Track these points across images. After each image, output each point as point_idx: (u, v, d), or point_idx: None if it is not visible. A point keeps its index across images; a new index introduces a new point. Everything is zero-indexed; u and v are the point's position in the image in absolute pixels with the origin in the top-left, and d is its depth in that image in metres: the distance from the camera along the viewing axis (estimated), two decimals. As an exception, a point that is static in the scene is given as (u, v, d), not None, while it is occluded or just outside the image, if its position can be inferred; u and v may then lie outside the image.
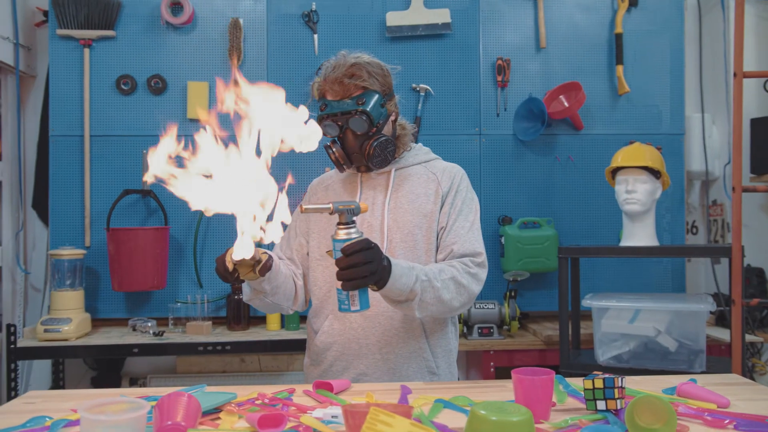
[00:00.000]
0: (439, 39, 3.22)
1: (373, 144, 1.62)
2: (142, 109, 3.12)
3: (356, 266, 1.34)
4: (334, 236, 1.38)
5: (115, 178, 3.09)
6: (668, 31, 3.29)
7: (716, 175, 3.44)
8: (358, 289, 1.37)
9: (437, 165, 1.75)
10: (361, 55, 1.65)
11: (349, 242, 1.36)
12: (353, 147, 1.63)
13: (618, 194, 2.56)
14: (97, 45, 3.10)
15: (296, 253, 1.77)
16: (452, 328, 1.76)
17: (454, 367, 1.75)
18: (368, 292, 1.40)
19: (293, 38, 3.19)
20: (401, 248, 1.64)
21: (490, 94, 3.24)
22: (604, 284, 3.16)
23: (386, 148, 1.64)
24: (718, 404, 1.33)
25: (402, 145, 1.73)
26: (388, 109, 1.65)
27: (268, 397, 1.39)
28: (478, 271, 1.61)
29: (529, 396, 1.26)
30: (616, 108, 3.28)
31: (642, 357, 2.42)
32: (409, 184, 1.70)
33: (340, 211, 1.37)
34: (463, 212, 1.68)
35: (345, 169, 1.70)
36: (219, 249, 3.13)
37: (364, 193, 1.71)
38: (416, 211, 1.67)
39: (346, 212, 1.38)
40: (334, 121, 1.62)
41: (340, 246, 1.36)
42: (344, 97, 1.61)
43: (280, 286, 1.62)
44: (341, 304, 1.39)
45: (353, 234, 1.37)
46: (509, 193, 3.24)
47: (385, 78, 1.65)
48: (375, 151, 1.62)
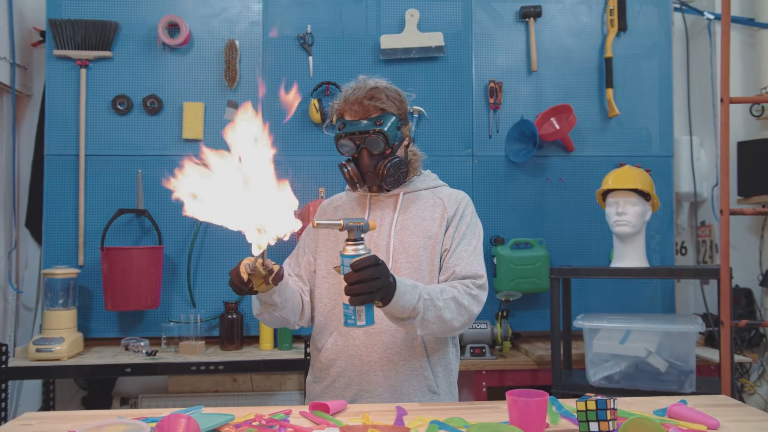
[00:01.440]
0: (432, 62, 3.27)
1: (387, 164, 1.67)
2: (137, 128, 3.14)
3: (364, 281, 1.37)
4: (342, 252, 1.41)
5: (110, 197, 3.10)
6: (657, 56, 3.36)
7: (704, 197, 3.49)
8: (364, 305, 1.39)
9: (444, 191, 1.80)
10: (380, 80, 1.72)
11: (358, 258, 1.38)
12: (368, 166, 1.67)
13: (609, 216, 2.60)
14: (93, 65, 3.13)
15: (304, 270, 1.80)
16: (453, 348, 1.78)
17: (455, 387, 1.77)
18: (373, 309, 1.43)
19: (288, 60, 3.23)
20: (406, 269, 1.68)
21: (482, 116, 3.29)
22: (594, 305, 3.19)
23: (399, 170, 1.70)
24: (708, 426, 1.35)
25: (413, 170, 1.79)
26: (403, 133, 1.72)
27: (265, 419, 1.40)
28: (478, 293, 1.66)
29: (523, 417, 1.28)
30: (606, 130, 3.33)
31: (633, 377, 2.44)
32: (416, 207, 1.75)
33: (349, 228, 1.41)
34: (466, 236, 1.72)
35: (357, 188, 1.74)
36: (213, 269, 3.14)
37: (372, 214, 1.76)
38: (422, 233, 1.71)
39: (356, 228, 1.41)
40: (351, 140, 1.67)
41: (349, 261, 1.39)
42: (363, 118, 1.67)
43: (288, 299, 1.66)
44: (347, 319, 1.41)
45: (361, 250, 1.40)
46: (501, 213, 3.28)
47: (401, 103, 1.72)
48: (389, 171, 1.67)
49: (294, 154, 3.19)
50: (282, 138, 3.20)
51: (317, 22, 3.23)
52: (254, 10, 3.21)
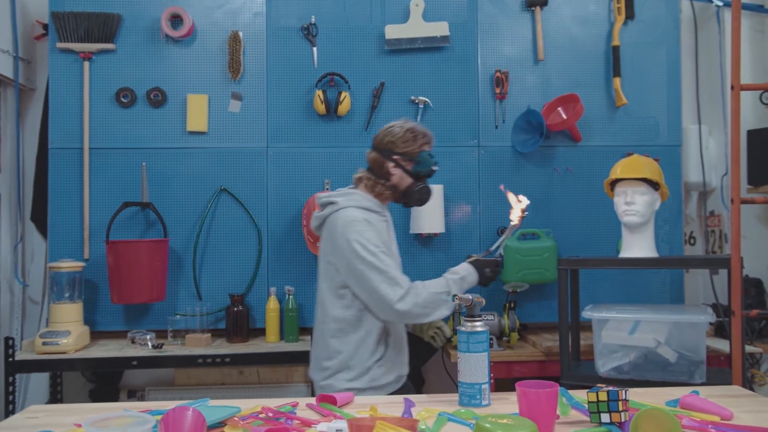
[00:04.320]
0: (437, 52, 3.24)
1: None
2: (141, 121, 3.13)
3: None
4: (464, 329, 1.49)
5: (115, 190, 3.09)
6: (665, 44, 3.32)
7: (713, 186, 3.46)
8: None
9: None
10: None
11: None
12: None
13: (617, 206, 2.56)
14: (96, 58, 3.11)
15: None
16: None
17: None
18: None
19: (292, 51, 3.20)
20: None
21: (488, 106, 3.26)
22: (603, 295, 3.17)
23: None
24: (722, 416, 1.33)
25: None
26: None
27: (272, 411, 1.39)
28: None
29: (533, 409, 1.27)
30: (614, 120, 3.30)
31: (642, 368, 2.42)
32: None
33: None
34: None
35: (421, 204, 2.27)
36: (218, 261, 3.13)
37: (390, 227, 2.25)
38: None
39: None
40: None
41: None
42: None
43: None
44: (471, 399, 1.46)
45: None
46: (508, 204, 3.24)
47: None
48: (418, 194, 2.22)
49: (299, 146, 3.17)
50: (287, 130, 3.18)
51: (321, 13, 3.21)
52: (258, 1, 3.19)
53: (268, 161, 3.17)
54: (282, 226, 3.16)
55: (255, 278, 3.14)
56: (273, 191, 3.16)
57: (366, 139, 3.15)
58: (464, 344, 1.44)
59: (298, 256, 3.16)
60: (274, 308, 2.99)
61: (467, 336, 1.44)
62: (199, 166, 3.14)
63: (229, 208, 3.15)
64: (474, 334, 1.44)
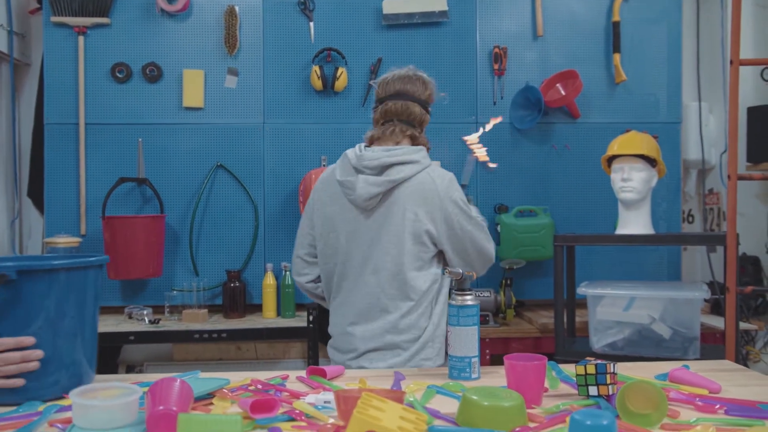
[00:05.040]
0: (435, 27, 3.21)
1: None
2: (137, 97, 3.11)
3: None
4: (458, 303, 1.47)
5: (111, 166, 3.08)
6: (666, 20, 3.28)
7: (712, 164, 3.44)
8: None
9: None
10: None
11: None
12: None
13: (614, 182, 2.56)
14: (91, 32, 3.08)
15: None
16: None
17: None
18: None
19: (289, 26, 3.17)
20: None
21: (486, 82, 3.23)
22: (599, 273, 3.16)
23: None
24: (710, 390, 1.33)
25: None
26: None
27: (262, 383, 1.39)
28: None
29: (520, 381, 1.27)
30: (613, 96, 3.27)
31: (636, 344, 2.43)
32: None
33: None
34: None
35: None
36: (215, 237, 3.13)
37: None
38: None
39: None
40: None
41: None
42: None
43: None
44: (461, 372, 1.46)
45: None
46: (505, 181, 3.24)
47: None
48: None
49: (296, 122, 3.16)
50: (283, 106, 3.16)
51: (318, -13, 3.17)
52: (254, -25, 3.15)
53: (264, 137, 3.15)
54: (279, 201, 3.16)
55: (252, 254, 3.14)
56: (269, 167, 3.15)
57: (363, 115, 3.14)
58: (455, 318, 1.45)
59: (294, 232, 3.12)
60: (270, 284, 2.99)
61: (457, 309, 1.44)
62: (196, 142, 3.13)
63: (225, 184, 3.14)
64: (464, 307, 1.44)
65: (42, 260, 1.39)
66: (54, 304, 1.27)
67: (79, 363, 1.32)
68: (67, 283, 1.29)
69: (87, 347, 1.34)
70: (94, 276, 1.35)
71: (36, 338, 1.24)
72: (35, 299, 1.25)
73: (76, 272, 1.30)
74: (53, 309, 1.27)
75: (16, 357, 1.22)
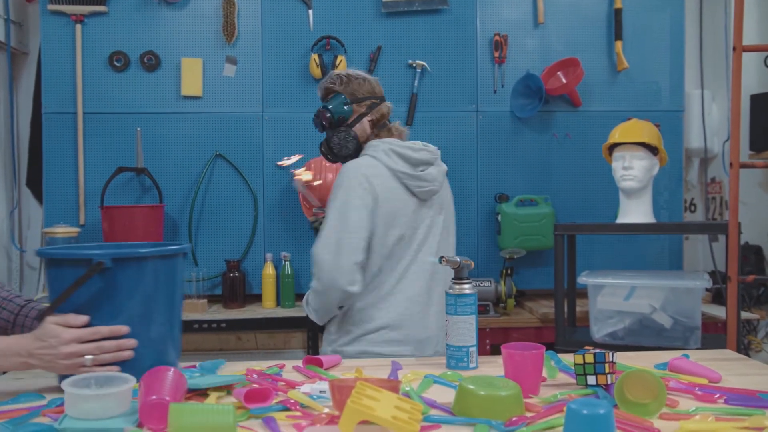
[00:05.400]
0: (435, 14, 3.17)
1: (331, 137, 1.92)
2: (135, 86, 3.09)
3: None
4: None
5: (109, 155, 3.06)
6: (668, 6, 3.24)
7: (715, 153, 3.41)
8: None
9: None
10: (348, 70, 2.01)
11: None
12: (324, 140, 1.96)
13: (615, 171, 2.53)
14: (89, 21, 3.06)
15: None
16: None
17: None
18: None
19: (288, 14, 3.14)
20: None
21: (487, 70, 3.21)
22: (600, 262, 3.14)
23: (343, 141, 1.90)
24: (710, 379, 1.32)
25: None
26: (354, 110, 1.93)
27: (257, 373, 1.38)
28: (313, 286, 1.80)
29: (518, 371, 1.26)
30: (615, 84, 3.24)
31: (637, 334, 2.41)
32: None
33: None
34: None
35: (333, 161, 1.99)
36: (214, 227, 3.12)
37: None
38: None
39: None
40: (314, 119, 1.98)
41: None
42: (321, 99, 2.01)
43: None
44: (458, 362, 1.45)
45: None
46: (506, 170, 3.22)
47: (353, 84, 1.95)
48: (331, 142, 1.92)
49: (295, 111, 3.13)
50: (283, 94, 3.14)
51: (317, -26, 3.14)
52: (252, -38, 3.12)
53: (263, 126, 3.13)
54: (278, 191, 3.14)
55: (251, 244, 3.13)
56: (269, 156, 3.13)
57: (362, 104, 3.11)
58: (452, 307, 1.43)
59: (294, 221, 3.14)
60: (270, 274, 2.98)
61: (455, 299, 1.43)
62: (194, 131, 3.11)
63: (224, 174, 3.12)
64: (462, 296, 1.43)
65: (130, 248, 1.40)
66: (146, 292, 1.29)
67: (167, 349, 1.34)
68: (157, 270, 1.31)
69: (174, 333, 1.37)
70: (180, 263, 1.37)
71: (129, 325, 1.26)
72: (129, 287, 1.27)
73: (165, 260, 1.32)
74: (145, 296, 1.29)
75: (111, 345, 1.24)
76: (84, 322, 1.24)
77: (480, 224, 3.20)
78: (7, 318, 1.47)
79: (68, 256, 1.30)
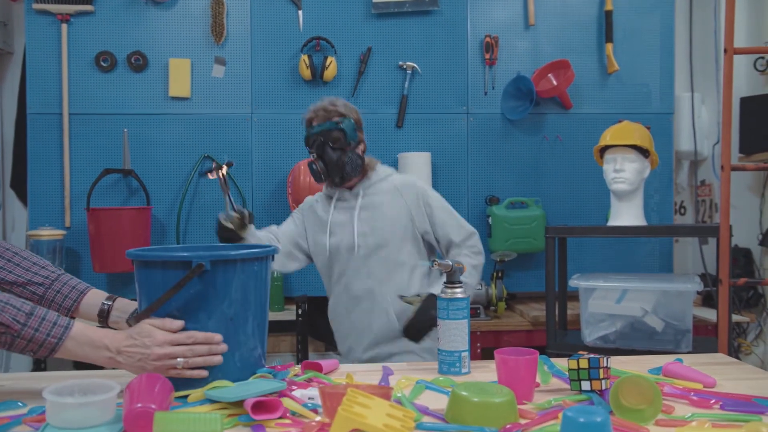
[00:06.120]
0: (426, 16, 3.16)
1: (346, 158, 1.97)
2: (122, 86, 3.05)
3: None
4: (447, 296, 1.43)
5: (96, 157, 3.02)
6: (659, 9, 3.25)
7: (705, 155, 3.41)
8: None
9: (395, 178, 2.10)
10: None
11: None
12: (331, 160, 1.96)
13: (606, 173, 2.52)
14: (75, 20, 3.02)
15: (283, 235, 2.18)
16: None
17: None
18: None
19: (277, 14, 3.12)
20: (373, 246, 2.01)
21: (477, 72, 3.19)
22: (591, 265, 3.14)
23: (355, 162, 1.99)
24: (704, 384, 1.31)
25: (369, 170, 2.08)
26: (359, 137, 2.03)
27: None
28: (478, 246, 2.08)
29: (512, 377, 1.24)
30: (605, 87, 3.24)
31: (628, 337, 2.40)
32: (375, 197, 2.05)
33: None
34: (439, 209, 2.05)
35: (323, 180, 2.02)
36: (202, 229, 3.08)
37: (337, 207, 2.05)
38: (384, 217, 2.02)
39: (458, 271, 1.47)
40: (316, 140, 1.98)
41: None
42: (326, 120, 1.98)
43: (261, 240, 2.02)
44: (450, 367, 1.42)
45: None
46: (496, 172, 3.21)
47: (356, 113, 2.05)
48: (347, 162, 1.96)
49: (284, 112, 3.11)
50: (272, 95, 3.12)
51: (307, -25, 3.12)
52: (241, -38, 3.09)
53: (252, 127, 3.11)
54: (267, 193, 3.11)
55: (240, 247, 3.09)
56: (257, 158, 3.10)
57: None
58: (444, 311, 1.41)
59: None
60: (259, 277, 2.95)
61: (447, 303, 1.41)
62: (182, 133, 3.07)
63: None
64: (454, 300, 1.40)
65: (221, 250, 1.41)
66: (239, 294, 1.27)
67: (256, 352, 1.33)
68: (251, 272, 1.29)
69: (263, 335, 1.36)
70: (267, 265, 1.36)
71: (221, 327, 1.25)
72: (224, 289, 1.25)
73: (257, 262, 1.31)
74: (238, 298, 1.27)
75: (203, 350, 1.23)
76: (180, 326, 1.24)
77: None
78: (41, 282, 1.49)
79: (163, 258, 1.28)
